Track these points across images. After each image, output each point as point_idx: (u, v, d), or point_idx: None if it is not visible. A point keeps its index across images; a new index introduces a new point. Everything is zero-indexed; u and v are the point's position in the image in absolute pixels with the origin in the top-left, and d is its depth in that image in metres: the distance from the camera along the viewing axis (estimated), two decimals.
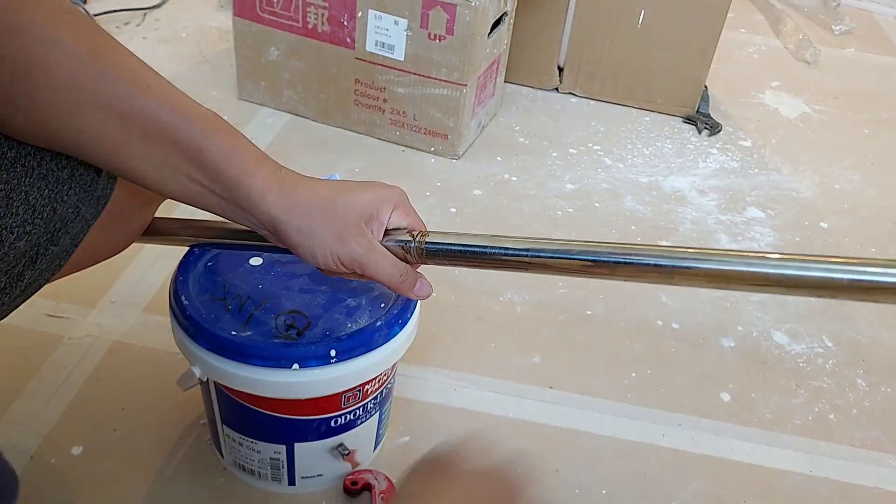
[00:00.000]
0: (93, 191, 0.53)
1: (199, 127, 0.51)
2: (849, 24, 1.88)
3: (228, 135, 0.52)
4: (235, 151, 0.51)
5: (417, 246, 0.57)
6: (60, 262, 0.54)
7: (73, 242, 0.54)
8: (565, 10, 1.39)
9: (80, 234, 0.53)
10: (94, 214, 0.54)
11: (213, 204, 0.53)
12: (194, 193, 0.52)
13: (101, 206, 0.54)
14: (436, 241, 0.57)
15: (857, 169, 1.36)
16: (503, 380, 0.88)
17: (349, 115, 1.28)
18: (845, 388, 0.93)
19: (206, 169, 0.51)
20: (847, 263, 0.47)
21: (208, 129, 0.51)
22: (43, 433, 0.76)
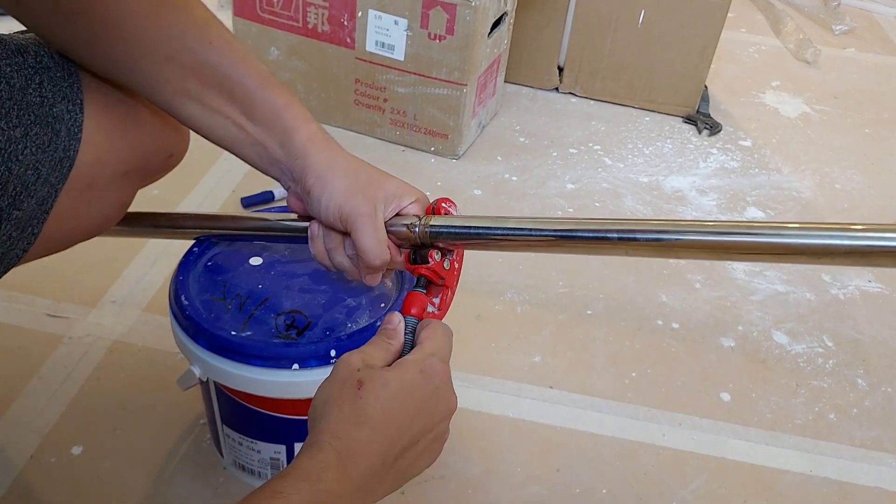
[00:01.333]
0: (52, 151, 0.51)
1: (256, 83, 0.56)
2: (849, 23, 1.88)
3: (282, 92, 0.57)
4: (288, 107, 0.57)
5: (423, 226, 0.58)
6: (33, 229, 0.52)
7: (42, 208, 0.52)
8: (565, 10, 1.39)
9: (48, 200, 0.52)
10: (60, 178, 0.52)
11: (248, 150, 0.58)
12: (236, 139, 0.58)
13: (65, 169, 0.52)
14: (440, 223, 0.58)
15: (857, 169, 1.36)
16: (503, 380, 0.88)
17: (349, 114, 1.28)
18: (845, 388, 0.93)
19: (255, 119, 0.57)
20: (844, 230, 0.48)
21: (263, 84, 0.56)
22: (43, 433, 0.76)
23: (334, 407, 0.49)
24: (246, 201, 1.10)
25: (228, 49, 0.56)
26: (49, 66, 0.52)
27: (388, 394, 0.50)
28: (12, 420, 0.77)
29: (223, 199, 1.11)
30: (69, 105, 0.52)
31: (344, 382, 0.50)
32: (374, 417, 0.49)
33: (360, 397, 0.49)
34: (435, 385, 0.52)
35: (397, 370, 0.51)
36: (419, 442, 0.51)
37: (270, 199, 1.11)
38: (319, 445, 0.47)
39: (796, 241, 0.49)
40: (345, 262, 0.60)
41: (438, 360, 0.53)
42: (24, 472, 0.73)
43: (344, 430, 0.48)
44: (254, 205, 1.09)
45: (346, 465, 0.47)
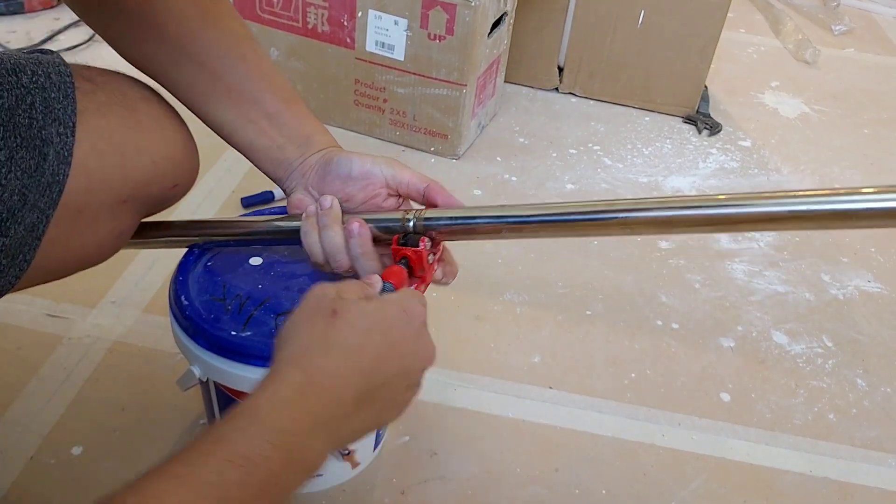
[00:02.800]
0: (38, 176, 0.49)
1: (281, 95, 0.61)
2: (848, 24, 1.88)
3: (300, 102, 0.63)
4: (309, 116, 0.63)
5: (417, 218, 0.59)
6: (24, 256, 0.50)
7: (33, 235, 0.50)
8: (565, 10, 1.39)
9: (39, 226, 0.50)
10: (50, 204, 0.50)
11: (262, 153, 0.62)
12: (253, 142, 0.61)
13: (54, 195, 0.50)
14: (434, 214, 0.60)
15: (857, 169, 1.36)
16: (503, 380, 0.88)
17: (349, 115, 1.28)
18: (845, 388, 0.93)
19: (280, 125, 0.61)
20: (821, 195, 0.49)
21: (288, 98, 0.62)
22: (43, 433, 0.76)
23: (302, 334, 0.46)
24: (246, 201, 1.10)
25: (258, 63, 0.60)
26: (45, 87, 0.50)
27: (366, 324, 0.47)
28: (12, 421, 0.77)
29: (223, 199, 1.11)
30: (60, 128, 0.50)
31: (316, 310, 0.47)
32: (347, 347, 0.46)
33: (332, 325, 0.46)
34: (416, 327, 0.50)
35: (377, 303, 0.49)
36: (393, 386, 0.48)
37: (270, 199, 1.11)
38: (277, 376, 0.44)
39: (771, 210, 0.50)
40: (337, 239, 0.59)
41: (419, 303, 0.52)
42: (24, 473, 0.73)
43: (308, 358, 0.45)
44: (254, 205, 1.09)
45: (306, 398, 0.43)
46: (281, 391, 0.43)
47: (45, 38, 1.45)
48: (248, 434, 0.41)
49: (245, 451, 0.40)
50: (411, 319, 0.50)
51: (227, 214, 1.06)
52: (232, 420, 0.42)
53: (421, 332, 0.50)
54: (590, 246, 1.10)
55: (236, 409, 0.42)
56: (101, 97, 0.53)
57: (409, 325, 0.49)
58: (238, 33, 0.61)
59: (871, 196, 0.48)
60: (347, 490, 0.74)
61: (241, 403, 0.43)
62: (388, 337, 0.48)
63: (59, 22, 1.52)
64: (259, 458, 0.40)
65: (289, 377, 0.44)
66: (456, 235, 0.60)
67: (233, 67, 0.59)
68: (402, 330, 0.49)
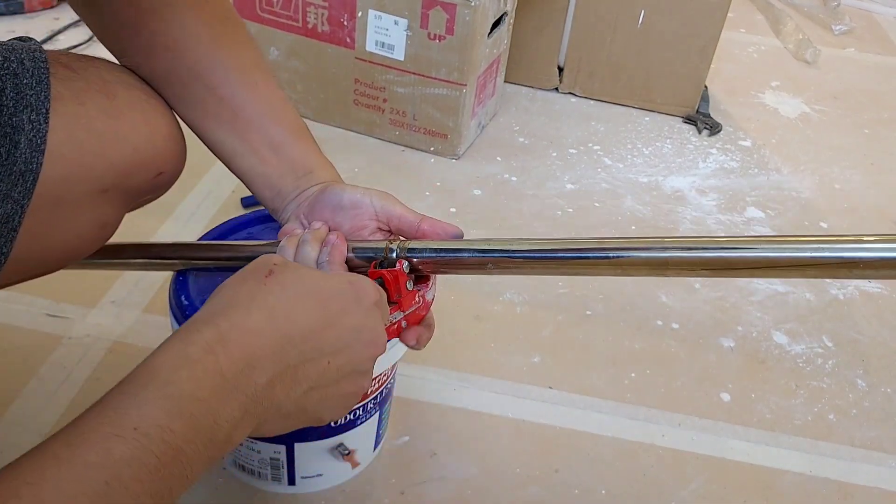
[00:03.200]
0: (10, 165, 0.46)
1: (288, 127, 0.60)
2: (849, 23, 1.88)
3: (308, 137, 0.63)
4: (314, 152, 0.62)
5: (399, 248, 0.57)
6: (1, 248, 0.48)
7: (7, 227, 0.47)
8: (565, 10, 1.39)
9: (14, 218, 0.47)
10: (24, 193, 0.47)
11: (260, 180, 0.61)
12: (253, 168, 0.60)
13: (28, 184, 0.47)
14: (418, 245, 0.57)
15: (857, 169, 1.36)
16: (503, 380, 0.88)
17: (349, 114, 1.28)
18: (845, 388, 0.93)
19: (282, 156, 0.60)
20: (827, 241, 0.46)
21: (294, 130, 0.61)
22: (42, 433, 0.76)
23: (228, 291, 0.42)
24: (246, 201, 1.10)
25: (269, 93, 0.60)
26: (17, 73, 0.48)
27: (301, 288, 0.43)
28: (12, 421, 0.77)
29: (223, 199, 1.11)
30: (32, 114, 0.48)
31: (252, 270, 0.44)
32: (274, 307, 0.41)
33: (263, 284, 0.42)
34: (364, 305, 0.46)
35: (321, 272, 0.45)
36: (331, 363, 0.43)
37: None
38: (185, 335, 0.38)
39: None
40: (312, 254, 0.56)
41: (374, 287, 0.48)
42: None
43: (226, 314, 0.40)
44: (254, 205, 1.09)
45: (215, 355, 0.38)
46: (186, 350, 0.37)
47: (45, 38, 1.45)
48: (139, 401, 0.35)
49: (136, 422, 0.34)
50: (359, 296, 0.45)
51: (226, 215, 1.06)
52: (123, 386, 0.36)
53: (370, 312, 0.46)
54: None
55: (130, 374, 0.36)
56: (78, 84, 0.51)
57: (356, 302, 0.45)
58: (251, 61, 0.60)
59: (877, 245, 0.45)
60: (347, 490, 0.74)
61: (137, 366, 0.36)
62: (326, 307, 0.43)
63: (58, 22, 1.52)
64: (153, 428, 0.35)
65: (198, 335, 0.39)
66: (440, 268, 0.58)
67: (242, 94, 0.59)
68: (345, 304, 0.45)
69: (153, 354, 0.38)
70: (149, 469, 0.34)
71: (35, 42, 0.52)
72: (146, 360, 0.38)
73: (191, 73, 0.58)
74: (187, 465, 0.36)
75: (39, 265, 0.53)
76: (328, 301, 0.44)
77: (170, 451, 0.35)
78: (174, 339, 0.39)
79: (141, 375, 0.37)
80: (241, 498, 0.73)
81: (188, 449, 0.36)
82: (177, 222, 1.05)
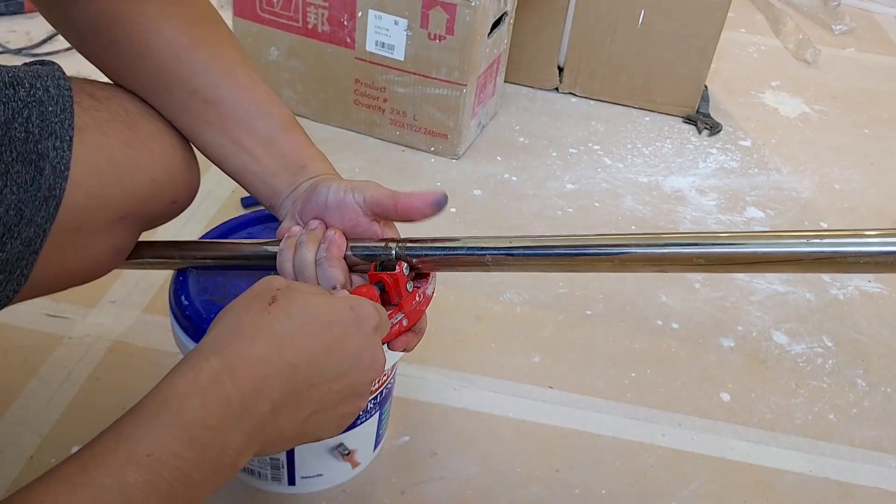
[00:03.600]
0: (35, 191, 0.48)
1: (276, 122, 0.59)
2: (849, 23, 1.88)
3: (298, 130, 0.61)
4: (306, 144, 0.61)
5: (399, 246, 0.57)
6: (22, 271, 0.49)
7: (30, 249, 0.49)
8: (565, 10, 1.39)
9: (36, 241, 0.49)
10: (47, 218, 0.49)
11: (254, 178, 0.60)
12: (246, 168, 0.60)
13: (51, 209, 0.49)
14: (416, 244, 0.58)
15: (857, 169, 1.36)
16: (503, 380, 0.88)
17: (349, 114, 1.28)
18: (845, 388, 0.93)
19: (274, 152, 0.59)
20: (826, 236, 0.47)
21: (283, 125, 0.60)
22: (43, 433, 0.76)
23: (232, 319, 0.43)
24: (246, 201, 1.10)
25: (254, 90, 0.59)
26: (42, 101, 0.49)
27: (305, 315, 0.43)
28: (12, 420, 0.77)
29: (223, 199, 1.11)
30: (56, 141, 0.49)
31: (255, 296, 0.44)
32: (279, 335, 0.42)
33: (267, 311, 0.43)
34: (364, 330, 0.47)
35: (323, 296, 0.46)
36: (329, 391, 0.44)
37: None
38: (193, 363, 0.40)
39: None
40: (310, 256, 0.56)
41: (374, 309, 0.48)
42: (24, 473, 0.73)
43: (232, 343, 0.41)
44: (254, 205, 1.09)
45: (222, 385, 0.39)
46: (196, 378, 0.39)
47: (45, 38, 1.45)
48: (152, 428, 0.37)
49: (149, 449, 0.36)
50: (360, 322, 0.47)
51: (226, 215, 1.06)
52: (135, 413, 0.37)
53: (370, 338, 0.47)
54: None
55: (141, 401, 0.38)
56: (102, 114, 0.53)
57: (356, 327, 0.46)
58: (233, 59, 0.59)
59: (876, 240, 0.46)
60: (347, 490, 0.74)
61: (148, 393, 0.38)
62: (328, 333, 0.44)
63: None
64: (165, 455, 0.36)
65: (206, 363, 0.40)
66: (439, 266, 0.59)
67: (227, 95, 0.58)
68: (347, 329, 0.46)
69: (163, 382, 0.39)
70: (161, 495, 0.35)
71: (57, 67, 0.53)
72: (157, 387, 0.39)
73: (173, 79, 0.57)
74: (195, 491, 0.37)
75: (53, 286, 0.54)
76: (330, 328, 0.45)
77: (181, 477, 0.36)
78: (184, 367, 0.40)
79: (153, 403, 0.38)
80: (241, 498, 0.73)
81: (197, 475, 0.37)
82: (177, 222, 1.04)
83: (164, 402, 0.38)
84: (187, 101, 0.58)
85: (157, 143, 0.56)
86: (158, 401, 0.38)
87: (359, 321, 0.47)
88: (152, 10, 0.57)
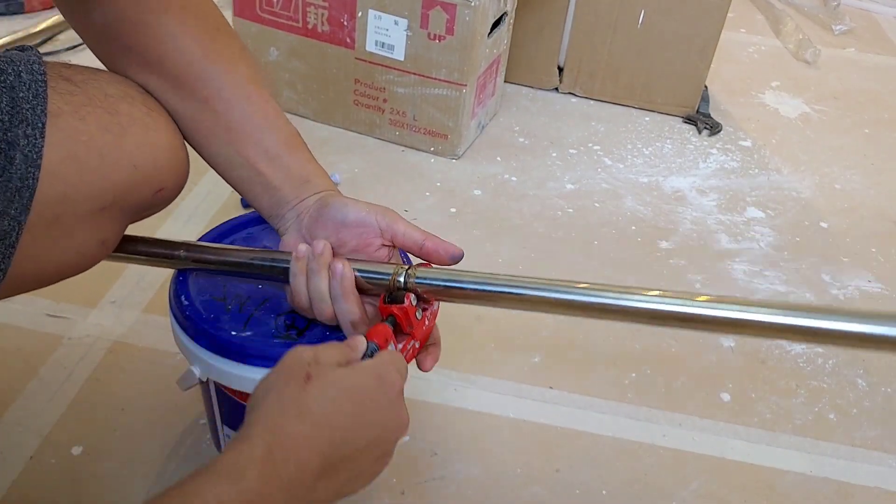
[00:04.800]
0: (6, 182, 0.46)
1: (282, 138, 0.61)
2: (849, 23, 1.88)
3: (303, 147, 0.63)
4: (310, 161, 0.63)
5: (408, 274, 0.59)
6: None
7: (5, 243, 0.48)
8: (565, 10, 1.39)
9: (11, 234, 0.47)
10: (21, 210, 0.47)
11: (258, 190, 0.61)
12: (250, 180, 0.61)
13: (25, 200, 0.47)
14: (425, 274, 0.59)
15: (857, 169, 1.36)
16: (503, 380, 0.88)
17: (349, 115, 1.28)
18: (845, 388, 0.93)
19: (278, 167, 0.61)
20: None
21: (289, 141, 0.62)
22: (43, 433, 0.76)
23: (274, 397, 0.46)
24: (245, 202, 1.10)
25: (262, 104, 0.61)
26: (14, 86, 0.47)
27: (337, 392, 0.47)
28: (12, 421, 0.77)
29: (223, 199, 1.11)
30: (27, 129, 0.47)
31: (290, 373, 0.47)
32: (318, 414, 0.45)
33: (304, 390, 0.46)
34: (390, 397, 0.49)
35: (351, 370, 0.48)
36: (363, 455, 0.48)
37: None
38: (248, 438, 0.43)
39: None
40: (323, 286, 0.58)
41: (396, 371, 0.51)
42: (24, 473, 0.73)
43: (279, 423, 0.44)
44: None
45: (275, 461, 0.43)
46: (252, 452, 0.43)
47: (45, 38, 1.45)
48: (218, 489, 0.40)
49: None
50: (386, 389, 0.49)
51: (226, 215, 1.06)
52: (203, 475, 0.41)
53: (394, 402, 0.50)
54: (591, 246, 1.10)
55: (208, 465, 0.42)
56: (79, 98, 0.51)
57: (383, 394, 0.49)
58: (243, 73, 0.60)
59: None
60: None
61: (213, 460, 0.42)
62: (359, 408, 0.47)
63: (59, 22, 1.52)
64: None
65: (261, 438, 0.43)
66: (444, 297, 0.60)
67: (236, 108, 0.59)
68: (375, 399, 0.48)
69: (226, 452, 0.43)
70: None
71: (35, 53, 0.51)
72: (220, 456, 0.43)
73: (184, 87, 0.58)
74: None
75: (37, 281, 0.53)
76: (360, 402, 0.48)
77: None
78: (241, 441, 0.43)
79: (219, 469, 0.41)
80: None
81: None
82: (177, 222, 1.05)
83: (230, 468, 0.42)
84: (198, 111, 0.59)
85: (140, 128, 0.54)
86: (225, 466, 0.42)
87: (384, 388, 0.49)
88: (171, 20, 0.57)
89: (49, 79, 0.50)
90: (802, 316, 0.51)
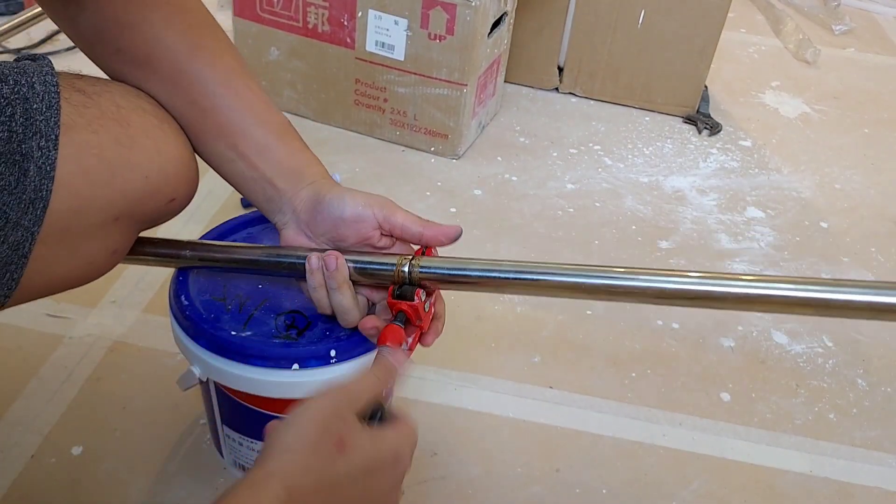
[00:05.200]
0: (20, 193, 0.47)
1: (272, 129, 0.61)
2: (849, 23, 1.88)
3: (294, 136, 0.63)
4: (301, 150, 0.63)
5: (413, 265, 0.59)
6: (12, 275, 0.48)
7: (18, 253, 0.48)
8: (565, 10, 1.39)
9: (24, 245, 0.48)
10: (35, 221, 0.48)
11: (252, 185, 0.62)
12: (244, 174, 0.62)
13: (38, 211, 0.48)
14: (430, 264, 0.60)
15: (857, 169, 1.36)
16: (503, 380, 0.88)
17: (349, 115, 1.28)
18: (845, 388, 0.93)
19: (269, 159, 0.61)
20: None
21: (279, 132, 0.61)
22: (43, 433, 0.76)
23: (300, 457, 0.46)
24: (246, 201, 1.10)
25: (251, 98, 0.61)
26: (27, 98, 0.47)
27: (359, 472, 0.48)
28: (12, 420, 0.77)
29: (223, 199, 1.11)
30: (41, 141, 0.47)
31: (326, 432, 0.47)
32: (336, 487, 0.46)
33: (334, 463, 0.46)
34: (397, 474, 0.51)
35: (375, 441, 0.49)
36: None
37: None
38: (267, 485, 0.44)
39: None
40: (346, 302, 0.60)
41: (410, 448, 0.52)
42: (25, 473, 0.73)
43: (298, 486, 0.45)
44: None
45: None
46: (258, 498, 0.43)
47: (45, 37, 1.45)
48: None
49: None
50: (396, 465, 0.51)
51: (226, 215, 1.06)
52: None
53: (398, 483, 0.52)
54: (591, 246, 1.10)
55: (220, 498, 0.42)
56: (92, 111, 0.51)
57: (393, 469, 0.50)
58: (230, 68, 0.60)
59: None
60: None
61: (225, 496, 0.42)
62: (369, 480, 0.49)
63: None
64: None
65: (271, 490, 0.44)
66: (451, 285, 0.61)
67: (223, 103, 0.59)
68: (385, 472, 0.50)
69: (237, 492, 0.43)
70: None
71: (48, 63, 0.51)
72: (229, 493, 0.43)
73: (172, 85, 0.58)
74: None
75: (48, 289, 0.53)
76: (374, 475, 0.49)
77: None
78: (256, 486, 0.44)
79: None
80: None
81: None
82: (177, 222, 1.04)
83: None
84: (187, 110, 0.59)
85: (151, 140, 0.54)
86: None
87: (396, 465, 0.50)
88: (156, 18, 0.57)
89: (62, 90, 0.50)
90: (812, 289, 0.53)
